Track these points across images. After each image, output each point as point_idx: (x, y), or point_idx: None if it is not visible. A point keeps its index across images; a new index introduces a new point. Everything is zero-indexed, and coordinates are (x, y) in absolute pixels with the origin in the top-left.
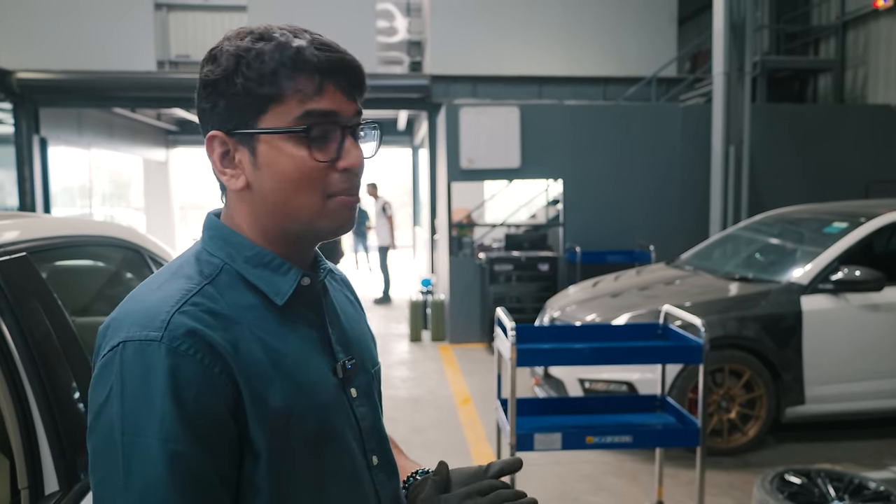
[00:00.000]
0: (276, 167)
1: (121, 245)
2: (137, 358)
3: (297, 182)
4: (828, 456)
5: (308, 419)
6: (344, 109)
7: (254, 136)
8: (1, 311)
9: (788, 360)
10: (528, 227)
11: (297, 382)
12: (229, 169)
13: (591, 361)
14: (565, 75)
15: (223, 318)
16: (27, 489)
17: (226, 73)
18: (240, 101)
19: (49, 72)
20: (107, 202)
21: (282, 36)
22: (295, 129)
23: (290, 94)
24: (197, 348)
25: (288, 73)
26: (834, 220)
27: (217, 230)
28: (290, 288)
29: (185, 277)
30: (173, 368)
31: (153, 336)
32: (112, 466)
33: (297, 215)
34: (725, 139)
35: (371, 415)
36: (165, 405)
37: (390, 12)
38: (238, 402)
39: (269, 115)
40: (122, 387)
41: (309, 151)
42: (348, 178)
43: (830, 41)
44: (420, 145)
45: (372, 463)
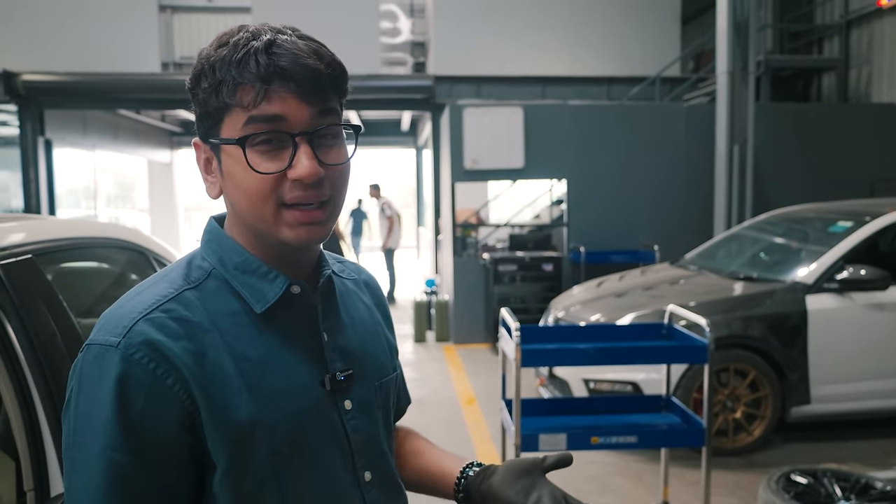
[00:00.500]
0: (233, 177)
1: (125, 247)
2: (95, 362)
3: (248, 193)
4: (834, 456)
5: (276, 431)
6: (296, 116)
7: (218, 146)
8: (6, 312)
9: (794, 360)
10: (532, 228)
11: (266, 393)
12: (210, 176)
13: (596, 362)
14: (569, 75)
15: (193, 325)
16: (33, 491)
17: (192, 81)
18: (203, 111)
19: (54, 74)
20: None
21: (240, 40)
22: (229, 141)
23: (234, 104)
24: (151, 357)
25: (230, 85)
26: (839, 219)
27: (213, 235)
28: (274, 296)
29: (169, 282)
30: (123, 376)
31: (112, 341)
32: (68, 463)
33: (257, 225)
34: (729, 138)
35: (367, 428)
36: (111, 412)
37: (394, 13)
38: (194, 413)
39: (225, 125)
40: (78, 389)
41: (247, 163)
42: (302, 189)
43: (834, 40)
44: (424, 146)
45: (363, 479)
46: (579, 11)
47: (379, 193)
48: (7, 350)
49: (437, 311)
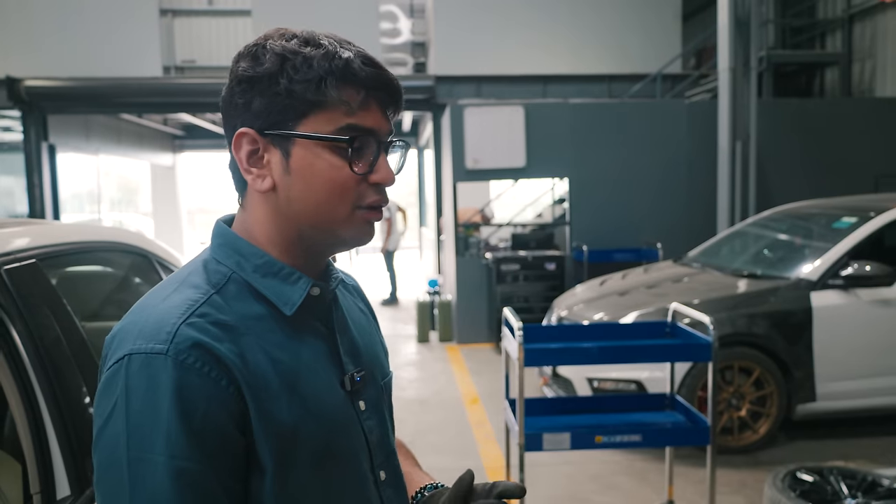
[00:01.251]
0: (311, 173)
1: (128, 250)
2: (143, 371)
3: (329, 191)
4: (840, 453)
5: (315, 435)
6: (381, 126)
7: (290, 138)
8: (11, 317)
9: (799, 357)
10: (534, 227)
11: (303, 397)
12: (256, 168)
13: (600, 360)
14: (570, 73)
15: (230, 329)
16: (39, 494)
17: (269, 71)
18: (280, 102)
19: (56, 79)
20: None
21: (330, 44)
22: (340, 139)
23: (335, 104)
24: (204, 361)
25: (336, 82)
26: (843, 214)
27: (225, 238)
28: (299, 298)
29: (193, 287)
30: (179, 382)
31: (159, 349)
32: (117, 482)
33: (321, 223)
34: (732, 135)
35: (379, 429)
36: (172, 421)
37: (394, 14)
38: (245, 415)
39: (310, 121)
40: (126, 401)
41: (348, 162)
42: (376, 192)
43: (837, 34)
44: (425, 146)
45: (380, 478)
46: (579, 9)
47: None
48: (12, 354)
49: (440, 311)
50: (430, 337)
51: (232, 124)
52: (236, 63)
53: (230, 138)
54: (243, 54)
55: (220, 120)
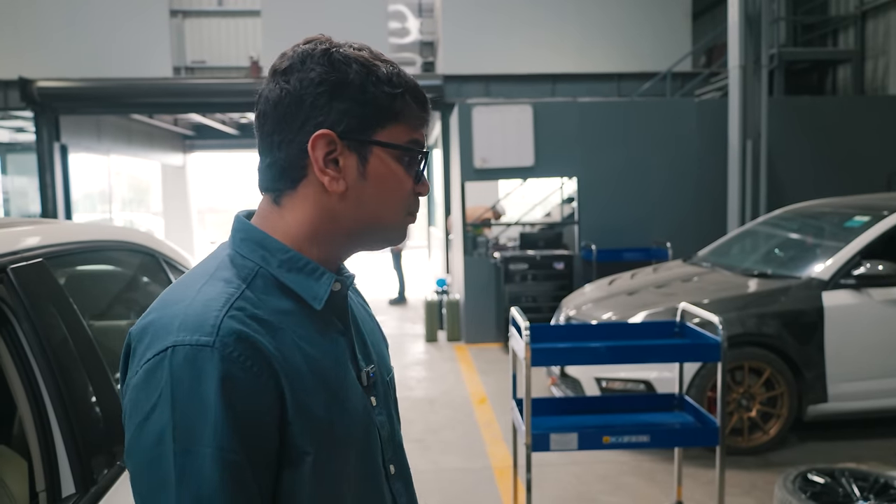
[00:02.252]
0: (385, 181)
1: (136, 250)
2: (189, 363)
3: (396, 198)
4: (852, 455)
5: (346, 429)
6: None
7: (368, 145)
8: (18, 316)
9: (810, 357)
10: (542, 226)
11: (333, 391)
12: (331, 170)
13: (608, 360)
14: (578, 72)
15: (266, 323)
16: (44, 492)
17: (356, 79)
18: (363, 110)
19: (68, 80)
20: (126, 207)
21: (396, 63)
22: (416, 150)
23: (408, 118)
24: (247, 355)
25: (412, 99)
26: (855, 213)
27: (249, 233)
28: (325, 293)
29: (224, 281)
30: (226, 375)
31: (205, 341)
32: (162, 475)
33: (380, 226)
34: (742, 133)
35: (388, 424)
36: (219, 413)
37: (402, 13)
38: (283, 409)
39: (387, 131)
40: (172, 393)
41: (412, 175)
42: (418, 202)
43: (849, 31)
44: (434, 145)
45: (390, 472)
46: (588, 8)
47: None
48: (18, 353)
49: (449, 310)
50: (439, 336)
51: (298, 124)
52: (303, 63)
53: (291, 136)
54: (312, 56)
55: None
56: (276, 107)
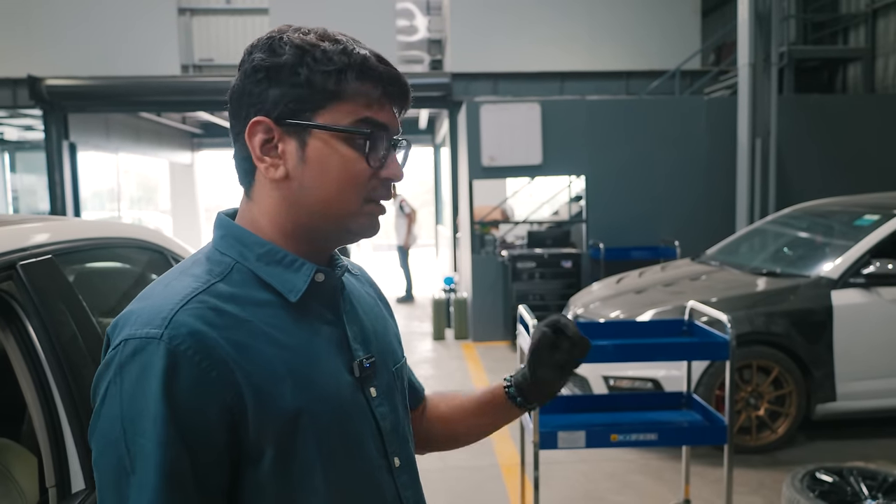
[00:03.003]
0: (326, 164)
1: (145, 247)
2: (137, 356)
3: (343, 182)
4: (861, 454)
5: (319, 418)
6: (393, 123)
7: (307, 129)
8: (27, 313)
9: (819, 356)
10: (550, 224)
11: (308, 380)
12: (269, 157)
13: (616, 359)
14: (587, 70)
15: (229, 316)
16: (55, 487)
17: (289, 61)
18: (298, 93)
19: (77, 78)
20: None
21: (346, 42)
22: (360, 131)
23: (354, 96)
24: (196, 349)
25: (356, 75)
26: (865, 212)
27: (228, 229)
28: (303, 284)
29: (193, 276)
30: (170, 368)
31: (153, 333)
32: (113, 466)
33: (332, 214)
34: (752, 131)
35: (392, 415)
36: (161, 406)
37: (410, 11)
38: (238, 405)
39: (328, 112)
40: (120, 385)
41: (364, 156)
42: (385, 188)
43: (860, 29)
44: (441, 143)
45: (394, 465)
46: (596, 6)
47: (395, 191)
48: (28, 349)
49: (456, 308)
50: (446, 334)
51: (244, 114)
52: (249, 54)
53: (241, 128)
54: (257, 46)
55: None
56: (230, 101)
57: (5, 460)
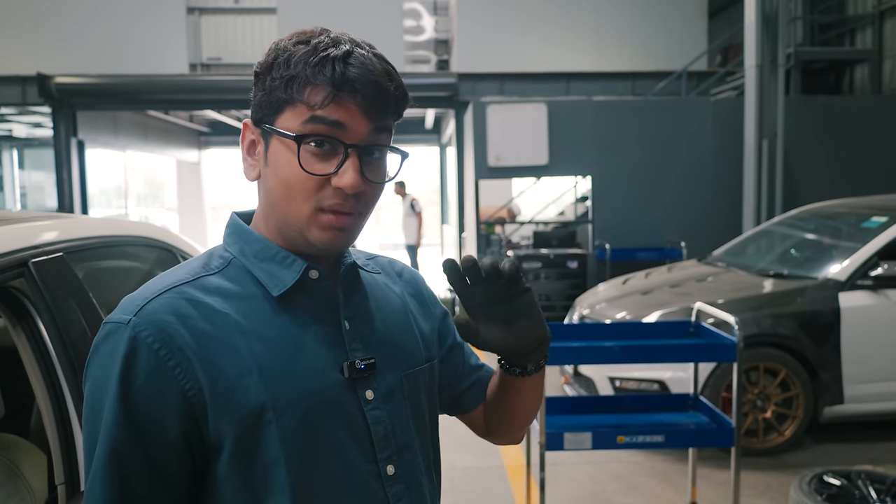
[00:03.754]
0: (278, 168)
1: (154, 245)
2: (107, 339)
3: (289, 187)
4: (869, 457)
5: (287, 413)
6: (354, 127)
7: (268, 132)
8: (38, 310)
9: (826, 359)
10: (556, 225)
11: (280, 376)
12: (250, 158)
13: (622, 360)
14: (593, 71)
15: (204, 306)
16: (63, 485)
17: (263, 67)
18: (266, 97)
19: (86, 76)
20: (142, 203)
21: (320, 43)
22: (285, 135)
23: (300, 101)
24: (156, 338)
25: (302, 82)
26: (873, 214)
27: (234, 227)
28: (292, 280)
29: (188, 270)
30: (129, 353)
31: (123, 319)
32: (85, 437)
33: (287, 220)
34: (758, 133)
35: (389, 420)
36: (116, 387)
37: (417, 11)
38: (197, 396)
39: (284, 116)
40: (91, 365)
41: (298, 161)
42: (340, 197)
43: (867, 31)
44: (447, 143)
45: (385, 472)
46: (603, 6)
47: (405, 191)
48: (39, 346)
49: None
50: None
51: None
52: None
53: None
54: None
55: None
56: None
57: (14, 457)
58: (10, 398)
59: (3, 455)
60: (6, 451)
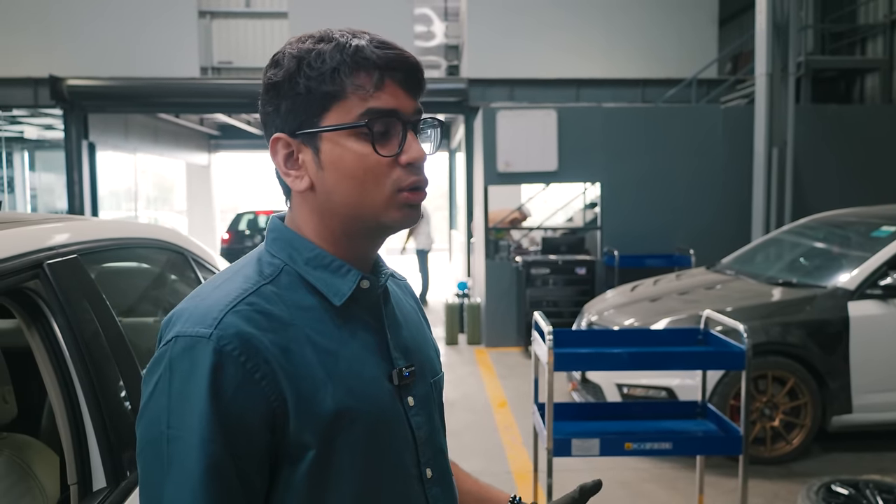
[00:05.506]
0: (341, 164)
1: (165, 247)
2: (186, 353)
3: (362, 178)
4: (877, 466)
5: (357, 423)
6: (404, 106)
7: (317, 135)
8: (53, 311)
9: (835, 368)
10: (565, 231)
11: (349, 385)
12: (293, 170)
13: (631, 367)
14: (603, 77)
15: (276, 319)
16: (76, 485)
17: (288, 74)
18: (302, 101)
19: (97, 79)
20: (151, 205)
21: (341, 37)
22: (357, 125)
23: (351, 91)
24: (242, 350)
25: (348, 69)
26: (882, 223)
27: (280, 232)
28: (349, 289)
29: (244, 277)
30: (216, 367)
31: (203, 332)
32: (156, 457)
33: (362, 212)
34: (768, 141)
35: (427, 425)
36: (207, 404)
37: (428, 17)
38: (281, 407)
39: (332, 114)
40: (169, 381)
41: (373, 147)
42: (412, 172)
43: (878, 40)
44: (457, 149)
45: (426, 476)
46: (613, 13)
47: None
48: (53, 347)
49: (469, 313)
50: (459, 339)
51: (268, 132)
52: (264, 74)
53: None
54: (269, 64)
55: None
56: (261, 120)
57: (27, 457)
58: (21, 399)
59: (16, 455)
60: (18, 452)
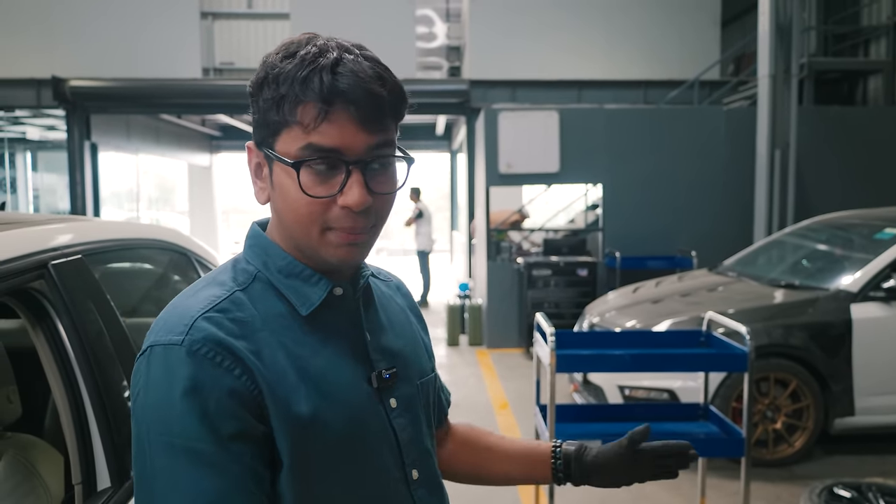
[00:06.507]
0: (283, 192)
1: (168, 248)
2: (161, 361)
3: (295, 211)
4: (879, 469)
5: (334, 425)
6: (352, 142)
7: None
8: (58, 311)
9: (837, 370)
10: (566, 232)
11: (322, 390)
12: (259, 181)
13: (633, 368)
14: (605, 79)
15: (246, 325)
16: (80, 485)
17: (255, 86)
18: (262, 119)
19: (100, 80)
20: (153, 206)
21: (305, 55)
22: (286, 162)
23: (294, 122)
24: (216, 352)
25: (293, 100)
26: (885, 225)
27: (256, 239)
28: (318, 298)
29: (219, 284)
30: (193, 371)
31: (175, 340)
32: (143, 462)
33: (299, 241)
34: (771, 142)
35: (411, 427)
36: (185, 407)
37: (430, 18)
38: (262, 405)
39: (282, 139)
40: (147, 388)
41: (301, 189)
42: (349, 216)
43: (881, 42)
44: (458, 150)
45: (411, 477)
46: (615, 14)
47: (419, 197)
48: (58, 347)
49: (471, 315)
50: (460, 341)
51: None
52: None
53: None
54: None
55: None
56: None
57: (31, 457)
58: (25, 399)
59: (20, 455)
60: (23, 451)
